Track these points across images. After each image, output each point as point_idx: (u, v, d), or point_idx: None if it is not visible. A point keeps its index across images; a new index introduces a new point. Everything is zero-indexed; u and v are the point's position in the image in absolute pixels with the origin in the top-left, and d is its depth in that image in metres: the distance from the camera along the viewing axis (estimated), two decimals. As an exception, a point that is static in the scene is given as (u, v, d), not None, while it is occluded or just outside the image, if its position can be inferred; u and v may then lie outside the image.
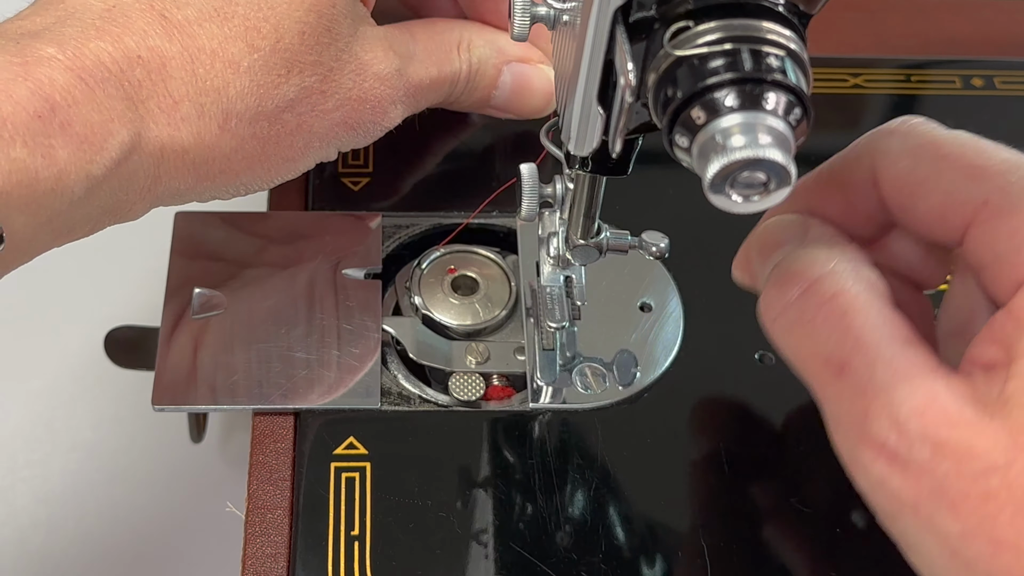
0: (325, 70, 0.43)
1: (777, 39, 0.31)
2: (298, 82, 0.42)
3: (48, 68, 0.36)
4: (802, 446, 0.45)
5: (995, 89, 0.58)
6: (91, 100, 0.37)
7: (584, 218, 0.43)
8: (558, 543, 0.42)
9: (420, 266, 0.50)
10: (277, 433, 0.45)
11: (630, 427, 0.46)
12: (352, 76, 0.44)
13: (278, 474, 0.44)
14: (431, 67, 0.48)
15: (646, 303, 0.49)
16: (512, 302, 0.49)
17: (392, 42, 0.46)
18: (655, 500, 0.44)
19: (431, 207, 0.52)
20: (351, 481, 0.44)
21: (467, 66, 0.49)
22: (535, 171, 0.44)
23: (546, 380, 0.47)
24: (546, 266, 0.47)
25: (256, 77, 0.41)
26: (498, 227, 0.52)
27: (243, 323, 0.47)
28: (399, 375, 0.47)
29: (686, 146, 0.31)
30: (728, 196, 0.31)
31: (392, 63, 0.46)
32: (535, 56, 0.51)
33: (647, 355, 0.47)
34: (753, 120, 0.30)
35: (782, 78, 0.30)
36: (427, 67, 0.47)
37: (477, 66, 0.49)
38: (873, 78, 0.58)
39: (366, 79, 0.45)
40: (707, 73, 0.30)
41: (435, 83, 0.48)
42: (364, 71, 0.45)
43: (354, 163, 0.53)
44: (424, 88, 0.48)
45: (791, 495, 0.45)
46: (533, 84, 0.51)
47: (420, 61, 0.47)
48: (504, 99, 0.51)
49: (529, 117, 0.52)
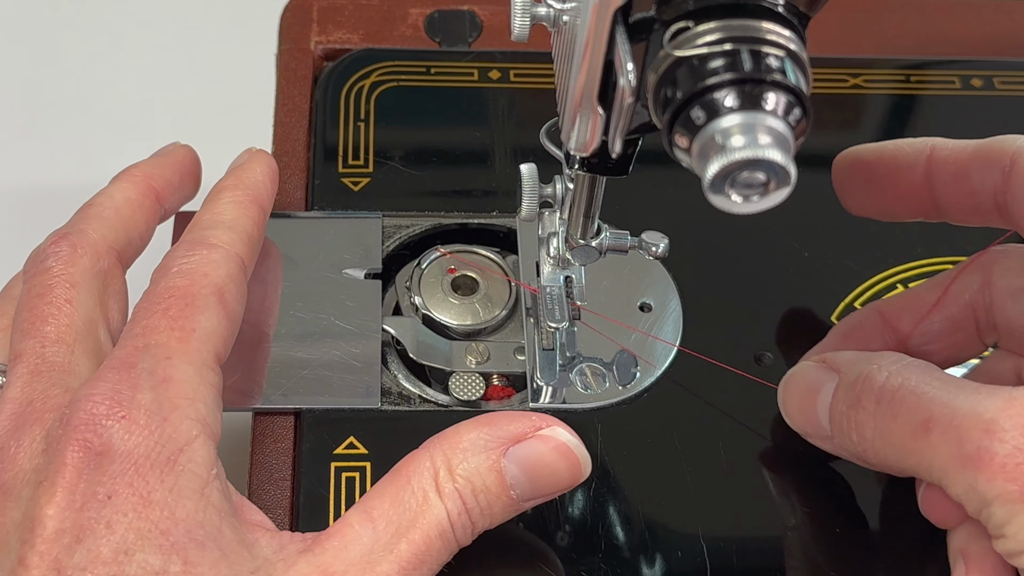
0: None
1: (777, 39, 0.31)
2: None
3: None
4: (802, 446, 0.45)
5: (994, 89, 0.58)
6: None
7: (584, 218, 0.43)
8: (558, 543, 0.42)
9: (420, 266, 0.50)
10: (277, 433, 0.45)
11: (630, 427, 0.46)
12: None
13: (278, 474, 0.44)
14: (402, 548, 0.37)
15: (646, 303, 0.49)
16: (512, 302, 0.49)
17: (328, 566, 0.37)
18: (655, 500, 0.44)
19: (431, 207, 0.52)
20: (351, 481, 0.44)
21: (456, 500, 0.38)
22: (535, 171, 0.44)
23: (546, 380, 0.47)
24: (546, 266, 0.47)
25: None
26: (498, 227, 0.52)
27: (243, 323, 0.47)
28: (399, 375, 0.47)
29: (686, 146, 0.31)
30: (728, 196, 0.31)
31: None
32: (530, 423, 0.39)
33: (647, 355, 0.48)
34: (753, 120, 0.30)
35: (782, 78, 0.30)
36: (398, 547, 0.37)
37: (470, 487, 0.38)
38: (873, 78, 0.58)
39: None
40: (707, 73, 0.30)
41: (420, 556, 0.37)
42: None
43: (354, 163, 0.53)
44: (411, 571, 0.37)
45: (791, 495, 0.45)
46: (547, 459, 0.39)
47: (385, 546, 0.37)
48: (529, 490, 0.39)
49: (570, 489, 0.40)
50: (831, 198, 0.47)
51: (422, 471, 0.38)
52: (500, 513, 0.39)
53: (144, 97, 0.68)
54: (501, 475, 0.38)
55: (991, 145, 0.43)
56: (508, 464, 0.38)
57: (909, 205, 0.45)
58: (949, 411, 0.37)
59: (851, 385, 0.40)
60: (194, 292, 0.40)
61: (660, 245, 0.44)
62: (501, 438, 0.39)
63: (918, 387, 0.38)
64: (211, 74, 0.69)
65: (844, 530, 0.43)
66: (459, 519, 0.38)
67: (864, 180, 0.45)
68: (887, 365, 0.39)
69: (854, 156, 0.46)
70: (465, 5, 0.60)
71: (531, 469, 0.39)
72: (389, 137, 0.54)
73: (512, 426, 0.39)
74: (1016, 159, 0.41)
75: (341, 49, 0.58)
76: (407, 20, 0.59)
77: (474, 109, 0.56)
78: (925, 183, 0.44)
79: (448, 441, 0.39)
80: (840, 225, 0.52)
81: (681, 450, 0.45)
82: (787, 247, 0.51)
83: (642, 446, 0.45)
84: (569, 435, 0.39)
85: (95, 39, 0.70)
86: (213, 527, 0.36)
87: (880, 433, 0.39)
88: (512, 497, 0.39)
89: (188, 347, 0.39)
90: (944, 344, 0.44)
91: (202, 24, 0.71)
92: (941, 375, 0.39)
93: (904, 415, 0.38)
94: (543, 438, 0.39)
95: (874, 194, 0.45)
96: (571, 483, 0.40)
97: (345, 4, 0.59)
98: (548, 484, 0.39)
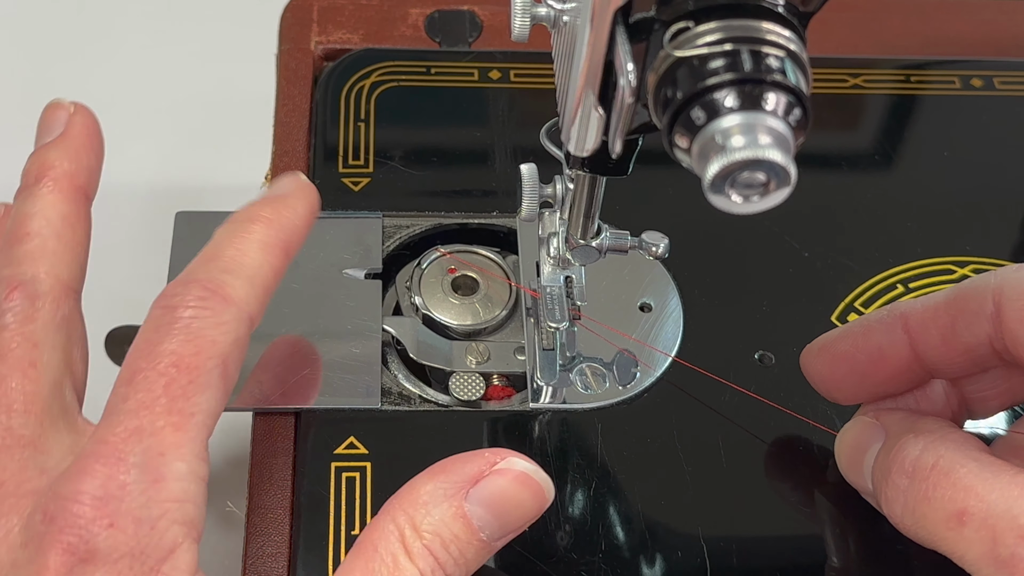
0: None
1: (777, 40, 0.31)
2: None
3: None
4: (802, 446, 0.45)
5: (994, 89, 0.58)
6: None
7: (584, 218, 0.43)
8: (558, 543, 0.42)
9: (420, 266, 0.50)
10: (277, 433, 0.45)
11: (630, 427, 0.46)
12: None
13: (278, 474, 0.44)
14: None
15: (646, 303, 0.49)
16: (512, 302, 0.49)
17: None
18: (655, 500, 0.44)
19: (431, 207, 0.52)
20: (351, 481, 0.44)
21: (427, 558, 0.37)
22: (535, 171, 0.44)
23: (546, 380, 0.47)
24: (546, 266, 0.47)
25: None
26: (498, 227, 0.52)
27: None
28: (399, 375, 0.47)
29: (686, 147, 0.31)
30: (728, 196, 0.31)
31: None
32: (484, 461, 0.38)
33: (647, 356, 0.48)
34: (753, 121, 0.30)
35: (782, 79, 0.30)
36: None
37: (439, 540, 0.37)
38: (873, 78, 0.58)
39: None
40: (707, 74, 0.30)
41: None
42: None
43: (354, 163, 0.53)
44: None
45: (791, 495, 0.45)
46: (509, 493, 0.38)
47: None
48: (498, 528, 0.38)
49: (537, 517, 0.39)
50: (831, 198, 0.47)
51: (387, 536, 0.37)
52: (474, 559, 0.38)
53: (144, 97, 0.68)
54: (467, 520, 0.37)
55: (965, 295, 0.40)
56: (471, 507, 0.37)
57: (904, 380, 0.42)
58: (985, 507, 0.36)
59: (887, 452, 0.39)
60: (199, 365, 0.37)
61: (660, 245, 0.44)
62: (458, 483, 0.37)
63: (952, 469, 0.37)
64: (211, 74, 0.69)
65: (844, 530, 0.43)
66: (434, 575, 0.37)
67: (847, 372, 0.43)
68: (924, 436, 0.38)
69: (829, 351, 0.43)
70: (465, 5, 0.60)
71: (496, 506, 0.38)
72: (389, 137, 0.54)
73: (467, 468, 0.38)
74: (999, 302, 0.39)
75: (341, 49, 0.58)
76: (407, 20, 0.59)
77: (474, 109, 0.56)
78: (914, 357, 0.41)
79: (407, 499, 0.38)
80: (840, 225, 0.53)
81: (681, 450, 0.45)
82: (787, 247, 0.51)
83: (642, 446, 0.45)
84: (526, 463, 0.38)
85: (95, 39, 0.71)
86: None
87: (912, 514, 0.38)
88: (482, 539, 0.37)
89: (184, 437, 0.36)
90: (999, 390, 0.43)
91: (202, 24, 0.71)
92: (977, 454, 0.37)
93: (938, 500, 0.37)
94: (501, 472, 0.38)
95: (866, 383, 0.43)
96: (537, 511, 0.39)
97: (345, 4, 0.59)
98: (515, 517, 0.38)
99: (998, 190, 0.55)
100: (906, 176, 0.55)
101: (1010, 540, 0.35)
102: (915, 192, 0.54)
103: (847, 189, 0.54)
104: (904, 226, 0.53)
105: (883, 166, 0.56)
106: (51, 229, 0.42)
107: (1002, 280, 0.39)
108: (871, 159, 0.56)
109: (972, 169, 0.55)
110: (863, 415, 0.43)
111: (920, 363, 0.41)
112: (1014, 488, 0.36)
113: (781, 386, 0.46)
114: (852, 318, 0.49)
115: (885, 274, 0.51)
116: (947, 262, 0.51)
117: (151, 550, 0.35)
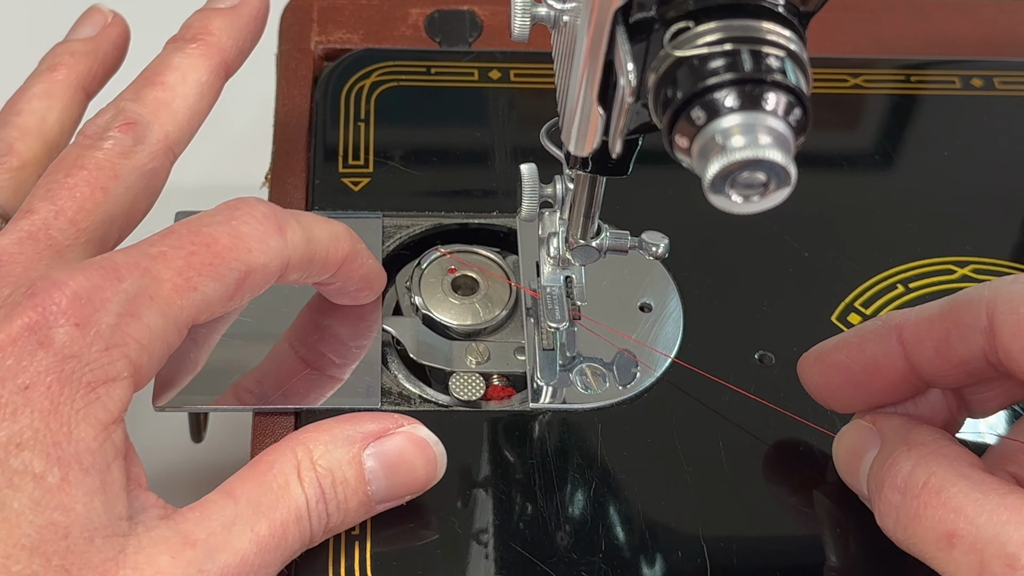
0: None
1: (777, 40, 0.31)
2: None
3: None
4: (802, 446, 0.45)
5: (995, 89, 0.58)
6: None
7: (584, 218, 0.43)
8: (558, 543, 0.42)
9: (420, 266, 0.50)
10: (277, 433, 0.45)
11: (630, 427, 0.46)
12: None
13: (278, 474, 0.44)
14: (261, 525, 0.38)
15: (646, 303, 0.49)
16: (512, 302, 0.49)
17: (189, 533, 0.37)
18: (655, 500, 0.44)
19: (431, 207, 0.52)
20: (351, 481, 0.43)
21: (315, 487, 0.39)
22: (535, 171, 0.44)
23: (546, 380, 0.47)
24: (546, 266, 0.47)
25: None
26: (498, 227, 0.52)
27: (243, 323, 0.47)
28: (399, 375, 0.47)
29: (686, 146, 0.31)
30: (728, 196, 0.31)
31: (184, 568, 0.36)
32: (392, 421, 0.41)
33: (647, 356, 0.48)
34: (753, 121, 0.30)
35: (782, 79, 0.30)
36: (257, 524, 0.38)
37: (330, 477, 0.39)
38: (873, 78, 0.58)
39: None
40: (707, 74, 0.30)
41: (276, 539, 0.38)
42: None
43: (354, 163, 0.53)
44: (263, 559, 0.38)
45: (791, 495, 0.45)
46: (406, 454, 0.41)
47: (245, 521, 0.38)
48: (385, 487, 0.40)
49: (423, 490, 0.42)
50: (831, 198, 0.47)
51: (285, 459, 0.39)
52: (354, 511, 0.40)
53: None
54: (360, 469, 0.40)
55: (959, 307, 0.40)
56: (368, 459, 0.40)
57: (900, 390, 0.42)
58: (974, 530, 0.36)
59: (880, 463, 0.39)
60: (226, 259, 0.39)
61: (660, 245, 0.44)
62: (363, 433, 0.40)
63: (943, 488, 0.37)
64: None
65: (844, 530, 0.43)
66: (316, 507, 0.39)
67: (843, 383, 0.43)
68: (916, 450, 0.38)
69: (824, 362, 0.43)
70: (465, 5, 0.60)
71: (389, 465, 0.40)
72: (389, 137, 0.54)
73: (374, 424, 0.41)
74: (992, 316, 0.39)
75: (341, 49, 0.58)
76: (407, 20, 0.59)
77: (474, 109, 0.56)
78: (909, 368, 0.41)
79: (311, 434, 0.40)
80: (840, 225, 0.53)
81: (681, 450, 0.45)
82: (787, 247, 0.51)
83: (642, 446, 0.45)
84: (428, 432, 0.41)
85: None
86: (103, 461, 0.36)
87: (904, 530, 0.38)
88: (367, 493, 0.40)
89: (176, 301, 0.38)
90: (996, 392, 0.43)
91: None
92: (969, 471, 0.37)
93: (928, 520, 0.37)
94: (403, 434, 0.41)
95: (861, 393, 0.43)
96: (426, 482, 0.41)
97: (345, 4, 0.59)
98: (403, 481, 0.41)
99: (998, 190, 0.55)
100: (906, 176, 0.55)
101: (997, 568, 0.35)
102: (915, 192, 0.54)
103: (847, 189, 0.54)
104: (904, 226, 0.53)
105: (883, 166, 0.56)
106: (182, 88, 0.45)
107: (995, 293, 0.39)
108: (871, 159, 0.56)
109: (972, 169, 0.55)
110: (860, 419, 0.43)
111: (915, 374, 0.41)
112: (1003, 512, 0.36)
113: (781, 386, 0.46)
114: (852, 318, 0.49)
115: (885, 274, 0.51)
116: (947, 262, 0.51)
117: (96, 367, 0.36)
